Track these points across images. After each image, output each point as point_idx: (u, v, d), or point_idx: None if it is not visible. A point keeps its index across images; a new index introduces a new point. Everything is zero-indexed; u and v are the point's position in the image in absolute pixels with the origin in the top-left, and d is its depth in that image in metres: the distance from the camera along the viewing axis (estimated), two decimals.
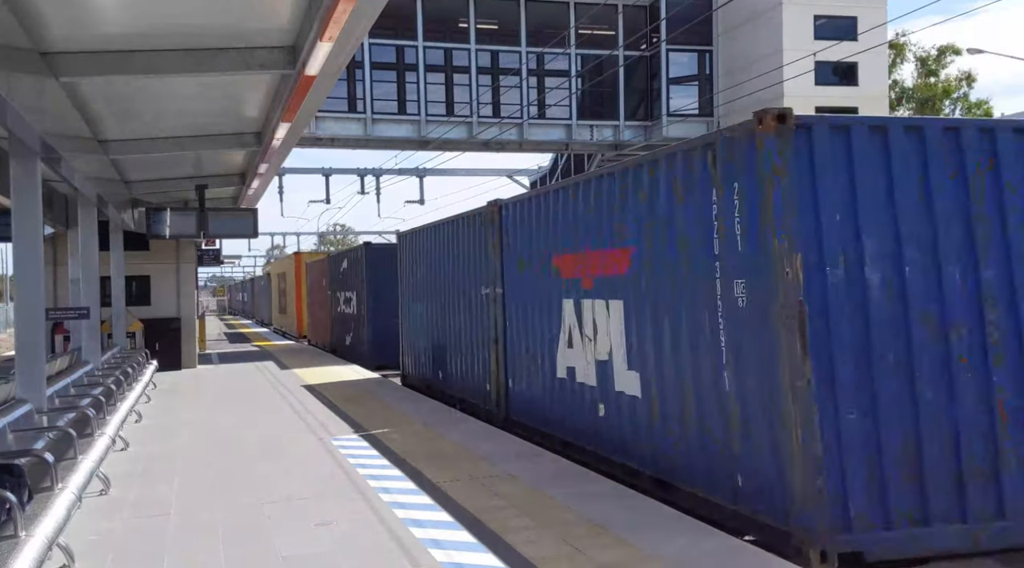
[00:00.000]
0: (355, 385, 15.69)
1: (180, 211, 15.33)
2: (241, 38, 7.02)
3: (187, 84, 8.12)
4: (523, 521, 6.30)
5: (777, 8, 28.64)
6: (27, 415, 7.24)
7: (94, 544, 6.13)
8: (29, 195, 7.83)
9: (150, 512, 7.05)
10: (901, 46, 45.83)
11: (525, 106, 29.44)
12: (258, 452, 9.49)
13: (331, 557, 5.74)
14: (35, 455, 5.91)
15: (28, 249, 7.85)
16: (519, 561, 5.47)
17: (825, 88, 28.61)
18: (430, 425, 10.81)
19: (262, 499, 7.31)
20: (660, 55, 30.18)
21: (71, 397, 9.40)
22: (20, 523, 4.68)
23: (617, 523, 6.16)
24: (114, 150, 10.50)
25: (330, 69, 7.33)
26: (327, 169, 34.19)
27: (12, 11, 5.85)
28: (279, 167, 13.73)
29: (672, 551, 5.55)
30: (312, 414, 12.24)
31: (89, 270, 13.02)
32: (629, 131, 30.95)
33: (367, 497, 7.26)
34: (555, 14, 29.61)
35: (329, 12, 5.76)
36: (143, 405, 12.77)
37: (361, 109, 28.69)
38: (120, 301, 15.98)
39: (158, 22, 6.50)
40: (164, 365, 17.79)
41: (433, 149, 30.03)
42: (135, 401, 11.06)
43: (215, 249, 31.07)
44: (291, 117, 8.93)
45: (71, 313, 11.14)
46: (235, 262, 72.82)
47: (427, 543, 5.91)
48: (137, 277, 18.83)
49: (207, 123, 10.37)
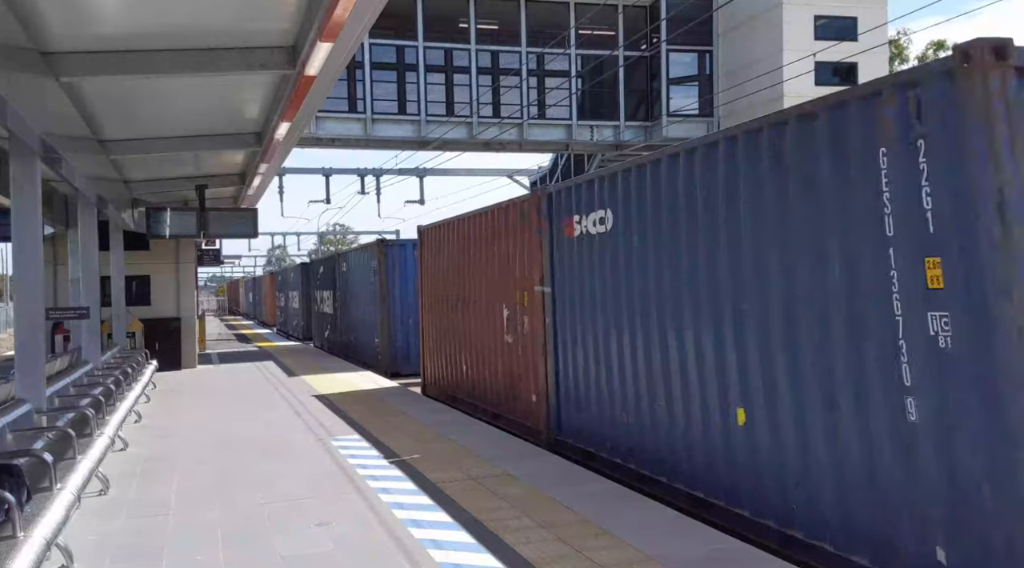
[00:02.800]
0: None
1: (180, 211, 15.32)
2: (241, 38, 7.01)
3: (187, 84, 8.11)
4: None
5: (777, 8, 28.61)
6: (26, 415, 7.24)
7: (93, 544, 6.13)
8: (29, 195, 7.82)
9: (149, 512, 7.05)
10: (901, 46, 45.87)
11: (525, 106, 29.41)
12: (258, 452, 9.48)
13: (331, 557, 5.74)
14: (34, 455, 5.90)
15: (28, 249, 7.84)
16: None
17: (825, 89, 28.56)
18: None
19: (262, 499, 7.31)
20: (660, 55, 30.15)
21: (71, 397, 9.39)
22: (19, 523, 4.67)
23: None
24: (114, 150, 10.49)
25: (330, 69, 7.33)
26: (327, 169, 34.16)
27: (12, 11, 5.84)
28: (279, 167, 13.72)
29: (672, 551, 5.56)
30: (312, 414, 12.24)
31: (89, 270, 13.02)
32: (629, 131, 30.93)
33: (367, 497, 7.26)
34: (555, 14, 29.58)
35: (329, 12, 5.75)
36: (143, 405, 12.76)
37: (361, 109, 28.67)
38: (120, 301, 15.98)
39: (158, 22, 6.50)
40: (164, 365, 17.79)
41: (433, 149, 30.00)
42: (135, 401, 11.06)
43: (215, 249, 31.11)
44: (291, 117, 8.92)
45: (71, 313, 11.13)
46: (235, 262, 72.84)
47: (426, 543, 5.90)
48: (137, 277, 18.84)
49: (207, 123, 10.37)
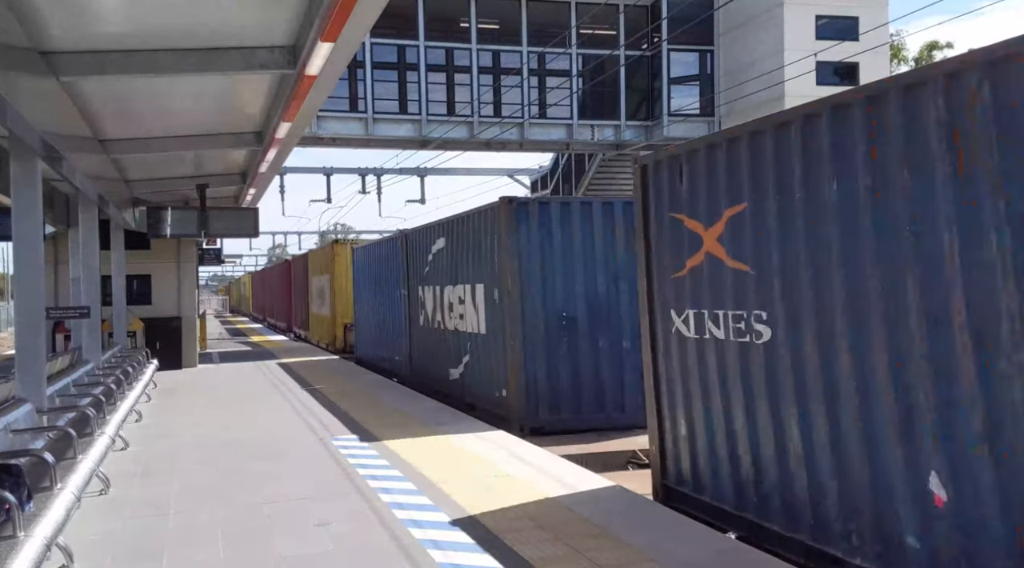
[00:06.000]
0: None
1: (181, 210, 15.34)
2: (241, 38, 7.02)
3: (188, 83, 8.11)
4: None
5: (778, 8, 28.58)
6: (27, 414, 7.24)
7: (94, 544, 6.12)
8: (30, 194, 7.82)
9: (150, 512, 7.05)
10: (897, 48, 45.89)
11: (526, 106, 29.40)
12: (258, 452, 9.48)
13: (331, 557, 5.74)
14: (35, 455, 5.90)
15: (29, 248, 7.84)
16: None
17: (827, 88, 28.52)
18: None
19: (262, 499, 7.31)
20: (661, 55, 30.13)
21: (71, 396, 9.39)
22: (19, 523, 4.67)
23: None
24: (115, 149, 10.49)
25: (331, 69, 7.32)
26: (328, 168, 34.17)
27: (12, 10, 5.84)
28: (280, 166, 13.72)
29: (672, 552, 5.52)
30: (313, 414, 12.24)
31: (90, 269, 13.02)
32: (630, 131, 30.92)
33: (367, 497, 7.25)
34: (556, 14, 29.56)
35: (330, 12, 5.75)
36: (143, 404, 12.76)
37: (362, 108, 28.67)
38: (121, 300, 15.98)
39: (159, 21, 6.50)
40: (165, 364, 17.78)
41: (434, 149, 30.00)
42: (135, 400, 11.06)
43: (216, 248, 31.10)
44: (292, 117, 8.92)
45: (72, 312, 11.12)
46: (236, 261, 72.88)
47: (426, 543, 5.89)
48: (138, 276, 18.84)
49: (208, 122, 10.37)
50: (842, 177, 5.44)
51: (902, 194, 4.98)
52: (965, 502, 4.67)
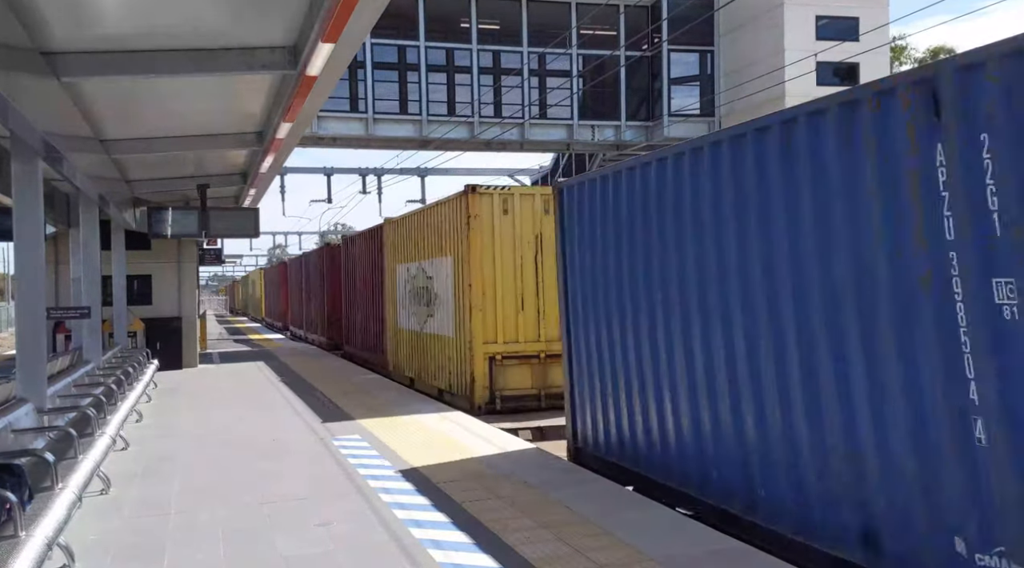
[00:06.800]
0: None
1: (182, 210, 15.36)
2: (242, 38, 7.03)
3: (188, 84, 8.12)
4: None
5: (779, 8, 28.60)
6: (28, 414, 7.25)
7: (94, 544, 6.14)
8: (30, 194, 7.83)
9: (150, 512, 7.06)
10: (900, 49, 45.89)
11: (526, 106, 29.42)
12: (258, 452, 9.49)
13: (331, 557, 5.75)
14: (36, 455, 5.91)
15: (29, 248, 7.85)
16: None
17: (827, 89, 28.46)
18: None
19: (262, 499, 7.32)
20: (661, 55, 30.16)
21: (72, 396, 9.40)
22: (20, 523, 4.68)
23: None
24: (115, 149, 10.50)
25: (332, 70, 7.33)
26: (329, 168, 34.16)
27: (13, 11, 5.85)
28: (281, 166, 13.75)
29: (672, 552, 5.55)
30: (312, 413, 12.24)
31: (90, 269, 13.02)
32: (630, 131, 30.94)
33: (367, 497, 7.26)
34: (557, 14, 29.58)
35: (330, 13, 5.76)
36: (144, 405, 12.77)
37: (363, 109, 28.69)
38: (121, 300, 15.99)
39: (159, 22, 6.51)
40: (165, 364, 17.79)
41: (434, 149, 30.02)
42: (136, 400, 11.06)
43: (217, 248, 31.12)
44: (292, 117, 8.93)
45: (72, 312, 11.14)
46: (236, 261, 72.90)
47: (426, 543, 5.91)
48: (138, 276, 18.85)
49: (208, 123, 10.38)
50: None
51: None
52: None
